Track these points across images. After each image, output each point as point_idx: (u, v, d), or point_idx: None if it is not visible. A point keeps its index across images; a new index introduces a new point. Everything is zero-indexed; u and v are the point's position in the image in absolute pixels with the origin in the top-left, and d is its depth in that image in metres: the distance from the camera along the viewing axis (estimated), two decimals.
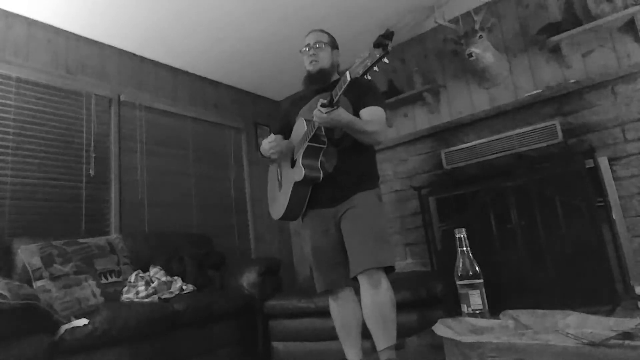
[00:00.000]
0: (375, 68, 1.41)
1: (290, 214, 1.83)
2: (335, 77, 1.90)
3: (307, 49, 1.86)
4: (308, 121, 1.71)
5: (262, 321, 2.65)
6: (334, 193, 1.75)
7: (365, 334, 1.71)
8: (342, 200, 1.74)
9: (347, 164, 1.74)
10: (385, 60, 1.39)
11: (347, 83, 1.48)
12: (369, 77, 1.46)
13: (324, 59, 1.84)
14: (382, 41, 1.36)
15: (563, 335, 1.01)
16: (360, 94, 1.75)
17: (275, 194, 1.94)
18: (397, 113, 3.58)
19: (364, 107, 1.74)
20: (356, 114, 1.74)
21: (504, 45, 3.10)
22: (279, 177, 1.94)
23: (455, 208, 2.89)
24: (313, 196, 1.78)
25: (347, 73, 1.47)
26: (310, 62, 1.85)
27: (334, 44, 1.91)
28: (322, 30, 1.92)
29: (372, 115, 1.73)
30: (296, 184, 1.73)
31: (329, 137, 1.72)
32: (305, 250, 1.91)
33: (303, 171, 1.67)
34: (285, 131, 1.99)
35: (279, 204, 1.88)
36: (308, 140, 1.68)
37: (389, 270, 1.68)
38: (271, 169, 2.06)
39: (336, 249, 1.75)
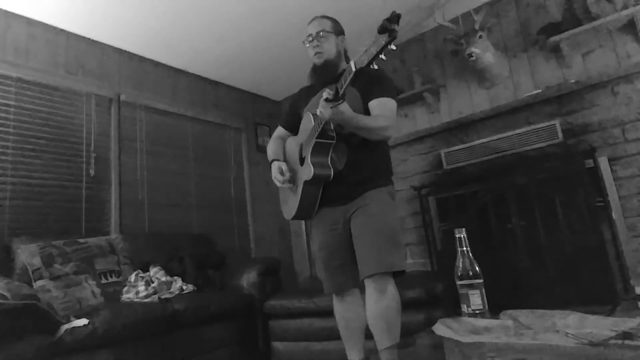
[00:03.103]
0: (382, 56, 1.29)
1: (302, 213, 1.75)
2: (344, 65, 1.78)
3: (310, 40, 1.75)
4: (315, 116, 1.62)
5: (262, 321, 2.65)
6: (345, 191, 1.66)
7: (368, 334, 1.69)
8: (353, 198, 1.66)
9: (358, 160, 1.65)
10: (392, 46, 1.27)
11: (352, 74, 1.38)
12: (376, 67, 1.34)
13: (329, 49, 1.74)
14: (388, 25, 1.24)
15: (563, 335, 1.01)
16: (369, 83, 1.65)
17: (286, 193, 1.86)
18: (397, 113, 3.55)
19: (373, 98, 1.65)
20: (365, 104, 1.65)
21: (504, 45, 3.10)
22: None
23: (455, 208, 2.89)
24: (323, 194, 1.70)
25: (352, 63, 1.36)
26: (315, 54, 1.75)
27: (338, 30, 1.79)
28: (324, 16, 1.80)
29: (381, 108, 1.63)
30: (306, 183, 1.64)
31: (338, 132, 1.61)
32: (313, 249, 1.86)
33: (312, 170, 1.59)
34: (293, 122, 1.90)
35: (290, 204, 1.80)
36: (316, 136, 1.59)
37: (399, 274, 1.60)
38: None
39: (344, 249, 1.68)
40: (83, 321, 1.85)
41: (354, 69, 1.36)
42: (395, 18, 1.24)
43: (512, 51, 3.07)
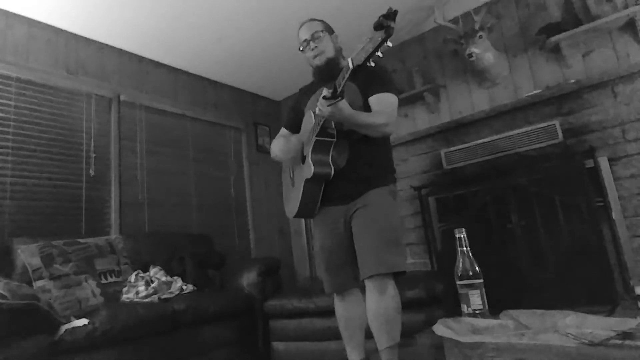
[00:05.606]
0: (379, 53, 1.30)
1: (304, 212, 1.75)
2: (343, 63, 1.73)
3: (307, 45, 1.75)
4: (315, 114, 1.61)
5: (262, 321, 2.65)
6: (346, 189, 1.66)
7: (369, 333, 1.69)
8: (354, 197, 1.65)
9: (359, 158, 1.65)
10: (389, 43, 1.26)
11: (349, 71, 1.39)
12: (373, 64, 1.34)
13: (327, 48, 1.73)
14: (384, 22, 1.23)
15: (563, 335, 1.01)
16: (369, 78, 1.65)
17: (289, 191, 1.87)
18: (397, 113, 3.55)
19: (373, 94, 1.64)
20: (365, 100, 1.65)
21: (504, 45, 3.10)
22: (291, 174, 1.88)
23: (455, 208, 2.89)
24: (325, 192, 1.69)
25: (350, 60, 1.38)
26: (315, 57, 1.74)
27: (329, 29, 1.79)
28: (313, 19, 1.80)
29: (381, 103, 1.63)
30: (307, 181, 1.64)
31: (339, 129, 1.61)
32: (314, 248, 1.86)
33: (312, 168, 1.59)
34: (295, 122, 1.91)
35: (292, 202, 1.80)
36: (315, 134, 1.59)
37: (399, 274, 1.60)
38: (284, 166, 1.99)
39: (345, 249, 1.68)
40: (83, 321, 1.85)
41: (351, 67, 1.37)
42: (392, 15, 1.23)
43: (512, 51, 3.07)
